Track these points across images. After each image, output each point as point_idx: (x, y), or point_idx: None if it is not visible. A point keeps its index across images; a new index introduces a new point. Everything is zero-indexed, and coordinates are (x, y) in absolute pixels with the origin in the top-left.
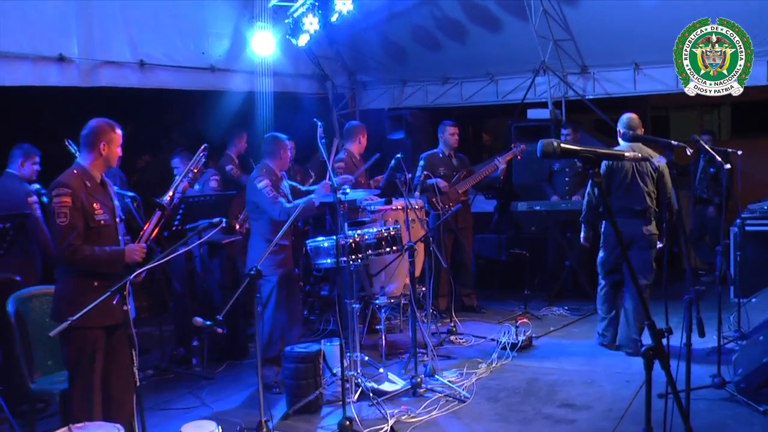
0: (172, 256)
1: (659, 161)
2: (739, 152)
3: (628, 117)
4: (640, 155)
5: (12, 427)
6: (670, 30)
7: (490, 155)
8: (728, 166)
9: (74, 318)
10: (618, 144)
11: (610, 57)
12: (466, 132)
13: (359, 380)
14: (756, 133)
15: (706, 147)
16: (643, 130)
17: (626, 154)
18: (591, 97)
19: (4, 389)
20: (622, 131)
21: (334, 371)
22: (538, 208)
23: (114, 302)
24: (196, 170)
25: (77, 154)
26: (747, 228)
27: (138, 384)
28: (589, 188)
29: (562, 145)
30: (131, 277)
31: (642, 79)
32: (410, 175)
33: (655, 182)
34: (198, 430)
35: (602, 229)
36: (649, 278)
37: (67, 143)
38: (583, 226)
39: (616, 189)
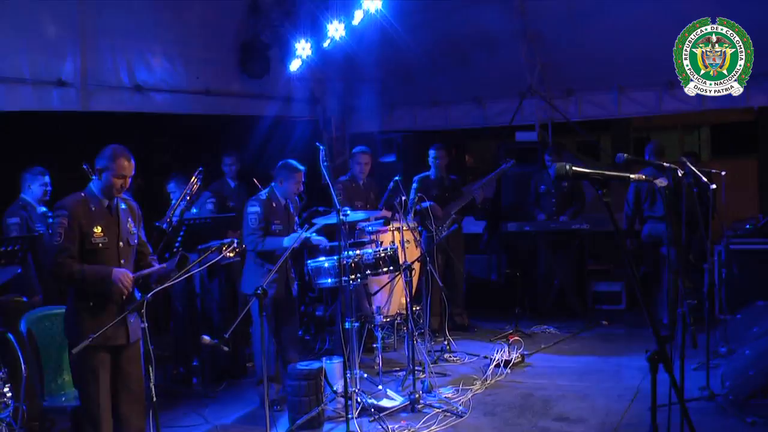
0: (185, 276)
1: (662, 182)
2: (723, 173)
3: (651, 143)
4: (643, 177)
5: None
6: (652, 54)
7: (474, 177)
8: (714, 186)
9: (95, 336)
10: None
11: (594, 81)
12: (450, 154)
13: (359, 397)
14: (735, 155)
15: (693, 168)
16: (662, 155)
17: (631, 176)
18: (576, 119)
19: (14, 408)
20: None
21: (335, 388)
22: (527, 228)
23: (132, 320)
24: (193, 190)
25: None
26: (732, 247)
27: (154, 399)
28: (626, 203)
29: (574, 168)
30: (149, 296)
31: (625, 101)
32: (405, 198)
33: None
34: None
35: (643, 233)
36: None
37: (84, 167)
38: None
39: (643, 202)
